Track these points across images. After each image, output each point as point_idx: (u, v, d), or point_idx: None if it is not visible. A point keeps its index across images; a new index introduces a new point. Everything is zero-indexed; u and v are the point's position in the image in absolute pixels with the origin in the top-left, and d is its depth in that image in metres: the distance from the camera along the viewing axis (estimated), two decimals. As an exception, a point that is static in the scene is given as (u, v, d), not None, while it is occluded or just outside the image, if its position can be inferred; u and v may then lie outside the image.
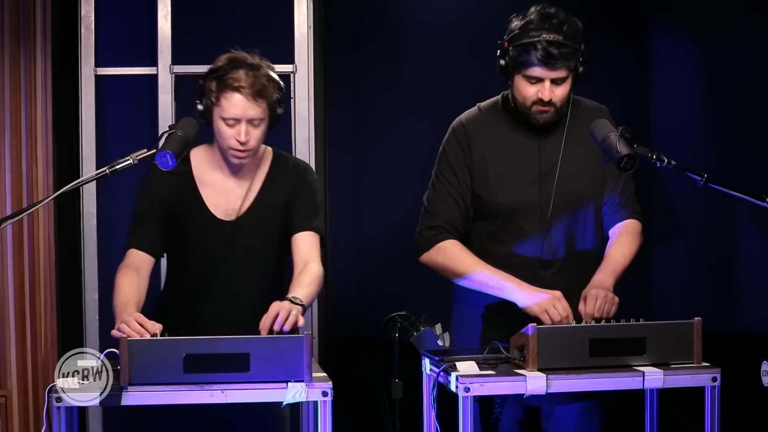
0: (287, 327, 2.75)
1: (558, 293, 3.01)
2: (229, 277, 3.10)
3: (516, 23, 3.09)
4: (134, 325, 2.73)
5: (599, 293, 2.98)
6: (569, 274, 3.15)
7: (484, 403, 3.14)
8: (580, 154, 3.14)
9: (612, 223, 3.23)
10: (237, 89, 2.94)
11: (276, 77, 3.04)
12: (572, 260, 3.18)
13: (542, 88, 3.06)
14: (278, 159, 3.17)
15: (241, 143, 2.98)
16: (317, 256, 3.10)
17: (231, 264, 3.10)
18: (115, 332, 2.74)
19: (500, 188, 3.17)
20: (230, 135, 2.99)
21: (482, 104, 3.29)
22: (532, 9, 3.08)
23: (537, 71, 3.04)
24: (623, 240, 3.17)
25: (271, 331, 2.76)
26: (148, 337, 2.70)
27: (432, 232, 3.19)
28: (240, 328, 2.82)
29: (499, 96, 3.26)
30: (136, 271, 3.03)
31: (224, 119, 2.98)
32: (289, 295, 2.89)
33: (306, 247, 3.10)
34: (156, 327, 2.75)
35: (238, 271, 3.10)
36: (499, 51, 3.12)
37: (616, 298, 3.01)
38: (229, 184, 3.12)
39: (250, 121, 2.98)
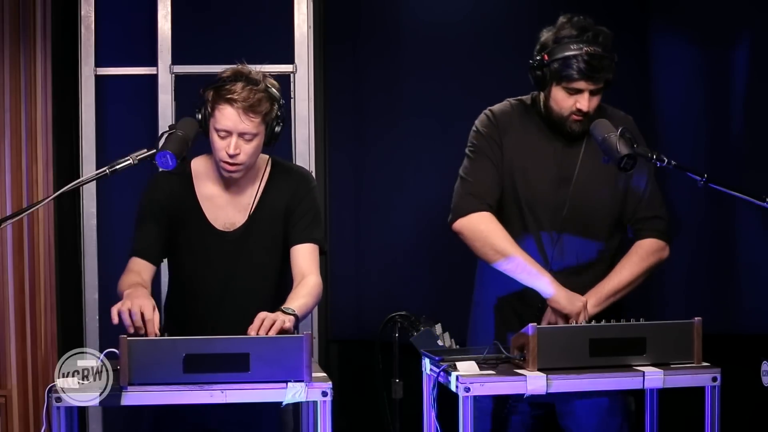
0: (272, 333, 2.74)
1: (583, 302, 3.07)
2: (231, 288, 3.10)
3: (549, 36, 3.11)
4: (137, 319, 2.73)
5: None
6: (576, 280, 3.15)
7: (497, 400, 3.16)
8: (600, 162, 3.14)
9: (634, 238, 3.23)
10: (230, 102, 2.94)
11: (276, 94, 3.02)
12: (580, 266, 3.19)
13: (581, 99, 3.08)
14: (276, 167, 3.16)
15: (230, 156, 2.97)
16: (315, 268, 3.09)
17: (233, 275, 3.09)
18: (115, 309, 2.74)
19: (519, 186, 3.18)
20: (221, 147, 2.99)
21: (512, 100, 3.30)
22: (562, 20, 3.10)
23: (580, 84, 3.06)
24: (628, 264, 3.17)
25: None
26: (142, 330, 2.71)
27: (474, 200, 3.16)
28: None
29: (529, 96, 3.27)
30: (137, 274, 3.03)
31: (217, 130, 2.98)
32: (282, 306, 2.89)
33: (304, 259, 3.08)
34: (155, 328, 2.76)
35: (240, 282, 3.10)
36: (536, 63, 3.13)
37: None
38: (228, 195, 3.11)
39: (241, 135, 2.97)
